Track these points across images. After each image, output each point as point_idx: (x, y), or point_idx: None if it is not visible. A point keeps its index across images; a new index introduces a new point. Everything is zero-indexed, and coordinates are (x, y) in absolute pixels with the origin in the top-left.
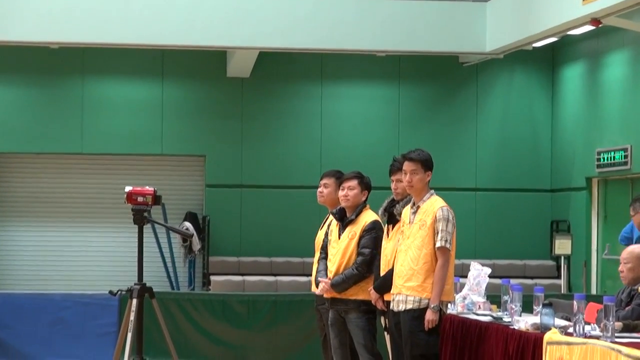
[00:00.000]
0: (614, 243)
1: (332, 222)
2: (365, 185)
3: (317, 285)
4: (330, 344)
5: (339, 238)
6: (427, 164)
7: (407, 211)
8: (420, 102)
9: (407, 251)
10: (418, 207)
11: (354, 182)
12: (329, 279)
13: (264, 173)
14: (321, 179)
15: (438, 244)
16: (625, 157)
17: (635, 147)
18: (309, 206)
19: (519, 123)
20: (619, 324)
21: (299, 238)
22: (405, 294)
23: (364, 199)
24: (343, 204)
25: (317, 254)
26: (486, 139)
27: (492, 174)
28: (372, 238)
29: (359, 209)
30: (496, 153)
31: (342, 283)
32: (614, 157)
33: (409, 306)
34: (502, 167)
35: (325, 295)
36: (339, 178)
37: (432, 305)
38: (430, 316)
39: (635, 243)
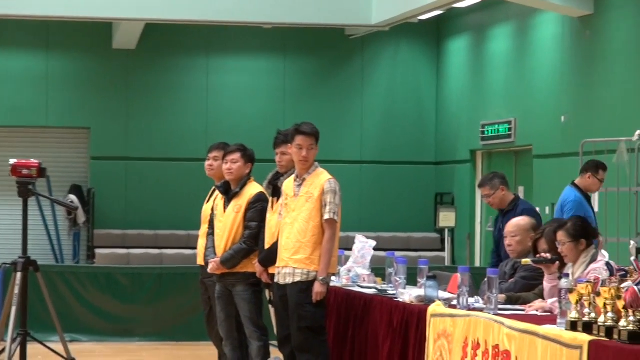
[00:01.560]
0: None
1: (218, 196)
2: (248, 157)
3: (205, 263)
4: (216, 317)
5: (225, 212)
6: (318, 138)
7: (289, 184)
8: (306, 74)
9: (294, 224)
10: (303, 179)
11: (236, 155)
12: (218, 257)
13: (149, 145)
14: (209, 152)
15: (326, 216)
16: (510, 130)
17: (520, 120)
18: (195, 179)
19: (405, 96)
20: (502, 297)
21: (184, 211)
22: (292, 267)
23: (247, 171)
24: (227, 178)
25: (203, 227)
26: (372, 112)
27: (378, 147)
28: (258, 211)
29: (243, 182)
30: (381, 126)
31: (231, 259)
32: (498, 130)
33: (297, 279)
34: (387, 140)
35: (215, 273)
36: (226, 150)
37: (320, 278)
38: (318, 288)
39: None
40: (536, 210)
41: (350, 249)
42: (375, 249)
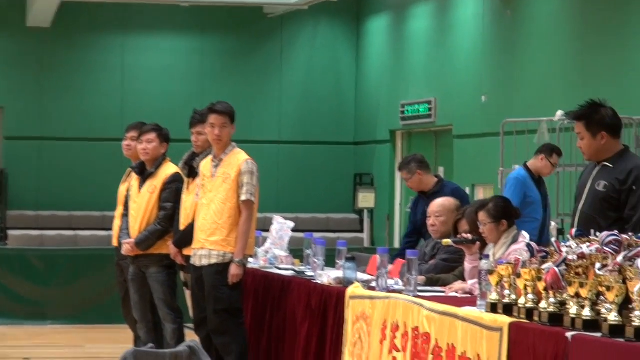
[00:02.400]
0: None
1: (133, 176)
2: (164, 137)
3: (120, 245)
4: (131, 300)
5: (139, 192)
6: (233, 117)
7: (207, 164)
8: (224, 54)
9: (210, 205)
10: (220, 160)
11: (152, 135)
12: (132, 238)
13: (64, 125)
14: (127, 132)
15: (243, 197)
16: (430, 110)
17: (440, 100)
18: (110, 159)
19: (324, 75)
20: (421, 278)
21: (100, 191)
22: (208, 249)
23: (163, 151)
24: (142, 158)
25: (119, 208)
26: (290, 92)
27: (296, 127)
28: (173, 191)
29: (158, 162)
30: (300, 106)
31: (146, 240)
32: (418, 110)
33: (213, 261)
34: (306, 120)
35: (130, 255)
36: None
37: (236, 260)
38: (234, 270)
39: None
40: (465, 191)
41: (268, 230)
42: (293, 230)
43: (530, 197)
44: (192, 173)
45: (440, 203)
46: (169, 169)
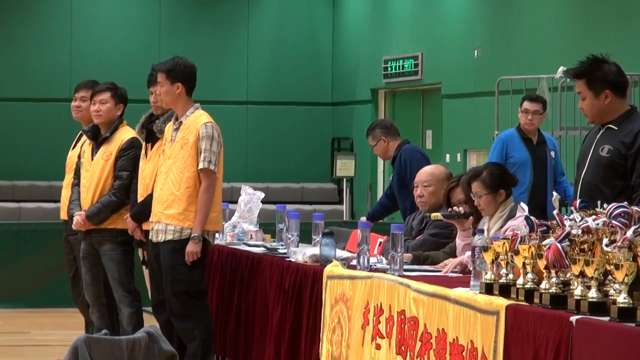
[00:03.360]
0: None
1: (85, 142)
2: (119, 97)
3: (70, 218)
4: (82, 280)
5: (92, 160)
6: (173, 74)
7: (170, 128)
8: (184, 2)
9: (168, 173)
10: (181, 123)
11: (106, 95)
12: (84, 210)
13: (4, 84)
14: (76, 92)
15: (200, 165)
16: (416, 66)
17: (427, 54)
18: (58, 122)
19: (297, 27)
20: (408, 256)
21: (46, 158)
22: (165, 223)
23: (119, 113)
24: (95, 121)
25: (68, 177)
26: (259, 46)
27: (266, 85)
28: (130, 158)
29: (114, 126)
30: (270, 61)
31: (99, 213)
32: (402, 66)
33: (169, 237)
34: (276, 78)
35: (80, 229)
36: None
37: (193, 235)
38: (191, 248)
39: None
40: (418, 156)
41: (236, 202)
42: (263, 201)
43: (512, 157)
44: (151, 137)
45: (428, 172)
46: (125, 133)
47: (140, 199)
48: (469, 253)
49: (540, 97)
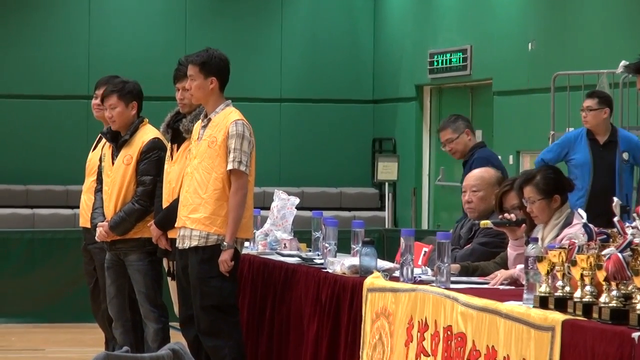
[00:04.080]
0: (450, 166)
1: (106, 144)
2: (129, 95)
3: (92, 227)
4: (105, 292)
5: (113, 164)
6: (207, 68)
7: (198, 127)
8: None
9: (194, 174)
10: (209, 120)
11: (113, 99)
12: (107, 220)
13: (18, 80)
14: (96, 88)
15: (230, 166)
16: (464, 60)
17: (477, 48)
18: (76, 121)
19: (334, 18)
20: (455, 267)
21: (62, 161)
22: (189, 228)
23: (133, 112)
24: (113, 127)
25: (88, 181)
26: (293, 38)
27: (301, 81)
28: (153, 161)
29: (134, 126)
30: (305, 55)
31: (122, 223)
32: (450, 60)
33: (194, 243)
34: (312, 73)
35: (105, 240)
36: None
37: (224, 244)
38: (224, 256)
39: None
40: (492, 161)
41: (268, 208)
42: (298, 207)
43: (572, 159)
44: (177, 137)
45: (478, 175)
46: (147, 133)
47: (165, 204)
48: (520, 266)
49: (598, 92)
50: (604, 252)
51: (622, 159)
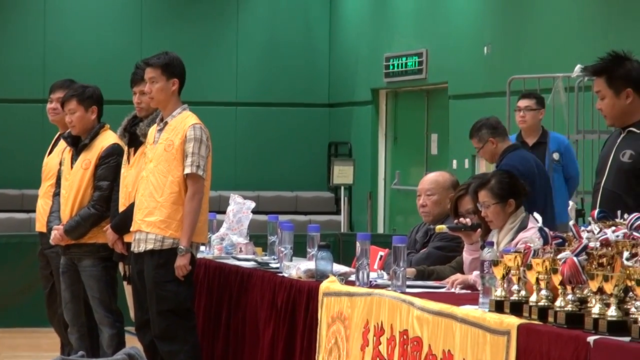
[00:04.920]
0: (406, 170)
1: (66, 148)
2: (89, 100)
3: (48, 231)
4: (60, 297)
5: (72, 168)
6: (168, 70)
7: (153, 130)
8: None
9: (149, 178)
10: (166, 123)
11: (73, 104)
12: (63, 224)
13: None
14: (51, 92)
15: (187, 170)
16: (420, 64)
17: (432, 51)
18: (30, 125)
19: (290, 21)
20: (411, 270)
21: (18, 165)
22: (145, 231)
23: (93, 117)
24: (73, 132)
25: (44, 185)
26: (249, 42)
27: (257, 85)
28: (111, 167)
29: (94, 131)
30: (261, 59)
31: (78, 227)
32: (405, 64)
33: (150, 246)
34: (268, 77)
35: (59, 244)
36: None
37: (180, 247)
38: (181, 261)
39: None
40: (518, 166)
41: (224, 212)
42: (254, 211)
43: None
44: (134, 142)
45: (432, 178)
46: (106, 139)
47: (122, 208)
48: (476, 272)
49: (534, 93)
50: (559, 256)
51: (552, 159)
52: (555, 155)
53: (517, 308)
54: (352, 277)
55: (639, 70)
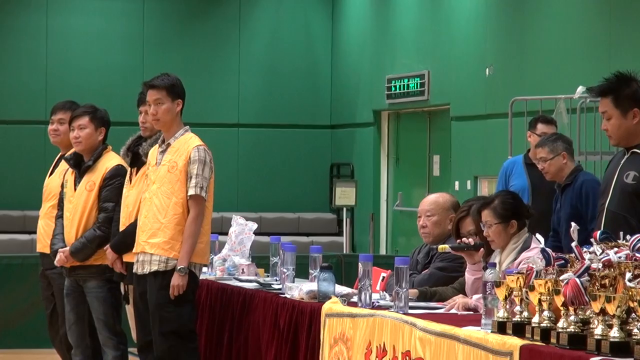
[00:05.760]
0: (408, 191)
1: (68, 170)
2: (100, 121)
3: (53, 253)
4: (63, 319)
5: (75, 190)
6: (174, 91)
7: (154, 151)
8: (170, 17)
9: (153, 199)
10: (168, 145)
11: (84, 120)
12: (68, 246)
13: None
14: (53, 114)
15: (191, 192)
16: (422, 85)
17: (434, 73)
18: (32, 146)
19: (292, 43)
20: (413, 291)
21: (19, 186)
22: (149, 253)
23: (100, 138)
24: (76, 148)
25: (45, 206)
26: (251, 63)
27: (259, 107)
28: (115, 188)
29: (97, 153)
30: (263, 81)
31: (84, 249)
32: (407, 85)
33: (154, 267)
34: (270, 98)
35: (64, 266)
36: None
37: (179, 267)
38: (177, 281)
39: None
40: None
41: (226, 234)
42: (256, 233)
43: (512, 185)
44: (136, 161)
45: (432, 200)
46: (110, 160)
47: (122, 228)
48: (476, 296)
49: (550, 117)
50: (561, 277)
51: None
52: None
53: (519, 329)
54: (355, 298)
55: None
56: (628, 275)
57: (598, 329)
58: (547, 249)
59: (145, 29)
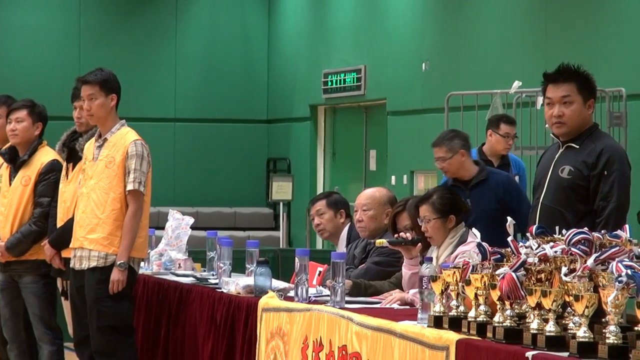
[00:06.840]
0: (344, 186)
1: (2, 165)
2: (37, 115)
3: None
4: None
5: (10, 185)
6: (107, 86)
7: (90, 145)
8: (106, 11)
9: (90, 195)
10: (105, 139)
11: (22, 113)
12: (3, 240)
13: None
14: None
15: (129, 187)
16: (358, 80)
17: (371, 68)
18: None
19: (229, 38)
20: (347, 282)
21: None
22: (87, 248)
23: (37, 133)
24: (12, 141)
25: None
26: (188, 58)
27: (195, 101)
28: (51, 183)
29: (33, 147)
30: (200, 75)
31: (19, 244)
32: (344, 80)
33: (93, 263)
34: (207, 93)
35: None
36: (10, 106)
37: (118, 263)
38: (116, 276)
39: None
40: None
41: (163, 228)
42: (193, 227)
43: None
44: (72, 157)
45: (368, 194)
46: (45, 155)
47: (60, 223)
48: (413, 291)
49: (513, 118)
50: (497, 272)
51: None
52: (517, 178)
53: (455, 323)
54: (291, 293)
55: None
56: (564, 269)
57: (534, 324)
58: (483, 243)
59: (81, 23)
